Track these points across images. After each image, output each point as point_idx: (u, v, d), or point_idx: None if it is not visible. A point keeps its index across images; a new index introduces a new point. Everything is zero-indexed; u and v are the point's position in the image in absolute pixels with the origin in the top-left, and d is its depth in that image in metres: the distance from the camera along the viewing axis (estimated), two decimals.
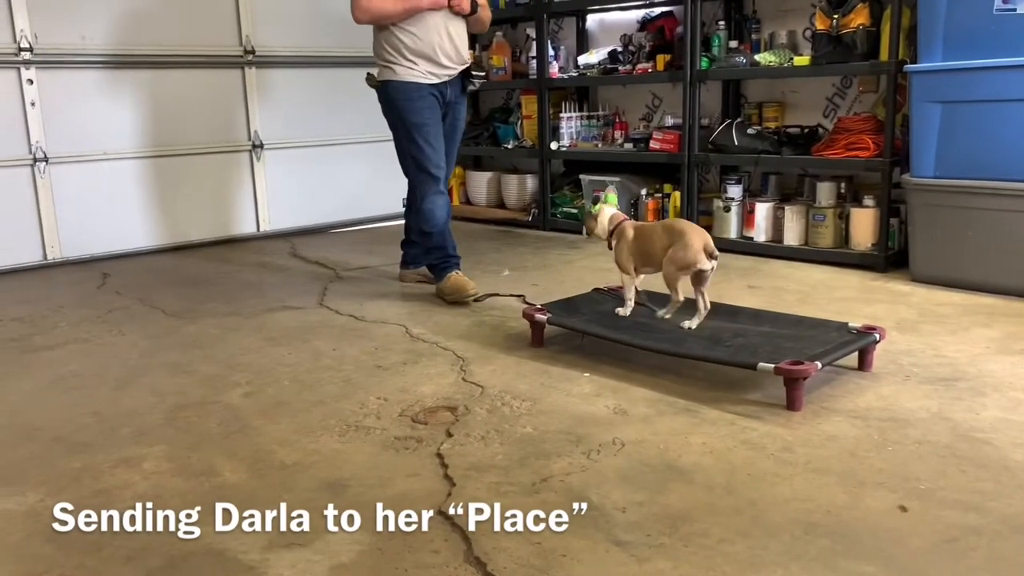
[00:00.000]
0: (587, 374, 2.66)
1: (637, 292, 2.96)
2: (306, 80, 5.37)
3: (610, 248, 2.99)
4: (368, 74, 3.77)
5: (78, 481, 2.04)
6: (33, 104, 4.38)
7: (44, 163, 4.44)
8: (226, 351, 3.04)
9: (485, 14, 3.82)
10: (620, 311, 2.95)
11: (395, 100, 3.66)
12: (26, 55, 4.32)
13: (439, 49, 3.61)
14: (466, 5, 3.62)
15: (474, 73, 3.80)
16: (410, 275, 4.06)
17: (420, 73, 3.61)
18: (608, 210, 3.00)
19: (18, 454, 2.22)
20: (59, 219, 4.53)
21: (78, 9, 4.47)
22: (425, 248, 3.81)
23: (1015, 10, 3.26)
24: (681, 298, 2.83)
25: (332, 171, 5.52)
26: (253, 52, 5.07)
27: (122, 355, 3.03)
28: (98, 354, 3.07)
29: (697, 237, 2.76)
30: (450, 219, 3.76)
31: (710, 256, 2.74)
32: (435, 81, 3.65)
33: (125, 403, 2.56)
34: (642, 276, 2.95)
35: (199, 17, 4.76)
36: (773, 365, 2.32)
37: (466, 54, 3.76)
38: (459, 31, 3.68)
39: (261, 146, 5.20)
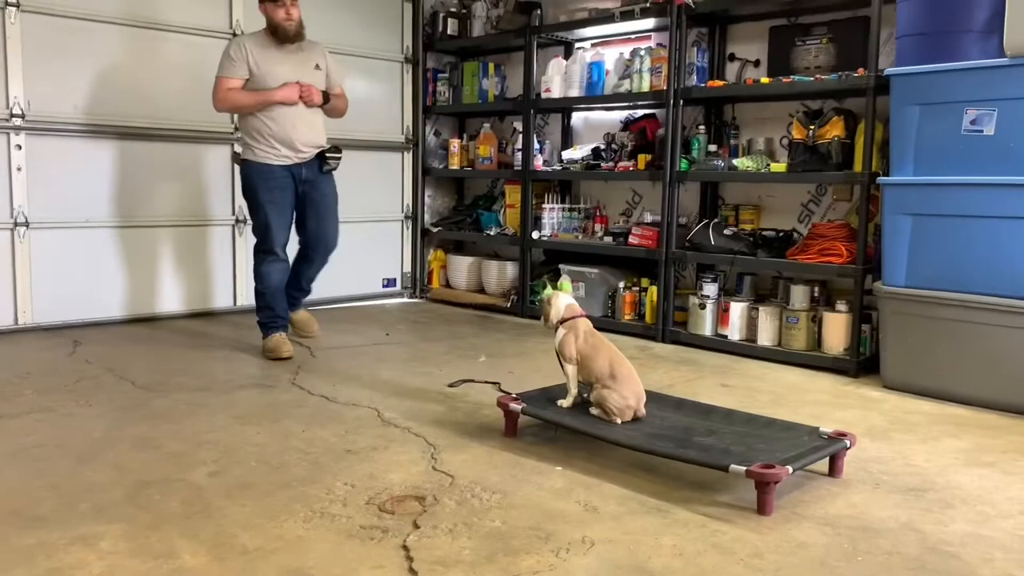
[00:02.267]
0: (559, 468, 2.64)
1: (580, 384, 2.95)
2: None
3: (554, 331, 2.98)
4: (233, 152, 4.29)
5: (31, 559, 1.97)
6: (19, 169, 4.41)
7: (25, 227, 4.44)
8: (194, 427, 2.99)
9: (340, 103, 4.37)
10: (562, 403, 2.95)
11: (251, 178, 4.13)
12: (17, 121, 4.36)
13: (294, 135, 4.09)
14: (317, 99, 4.15)
15: (329, 156, 4.23)
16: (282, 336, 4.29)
17: (275, 156, 4.09)
18: (564, 298, 3.01)
19: None
20: (34, 284, 4.49)
21: (72, 79, 4.54)
22: (257, 306, 4.26)
23: (982, 131, 3.41)
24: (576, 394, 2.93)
25: None
26: (238, 129, 5.13)
27: (87, 427, 2.97)
28: (62, 425, 3.01)
29: (632, 394, 2.81)
30: (283, 285, 4.25)
31: (634, 417, 2.80)
32: (288, 163, 4.13)
33: (86, 477, 2.50)
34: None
35: (191, 93, 4.84)
36: (745, 468, 2.32)
37: (322, 139, 4.23)
38: (313, 119, 4.18)
39: (244, 221, 5.22)
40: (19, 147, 4.39)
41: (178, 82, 4.90)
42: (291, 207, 4.20)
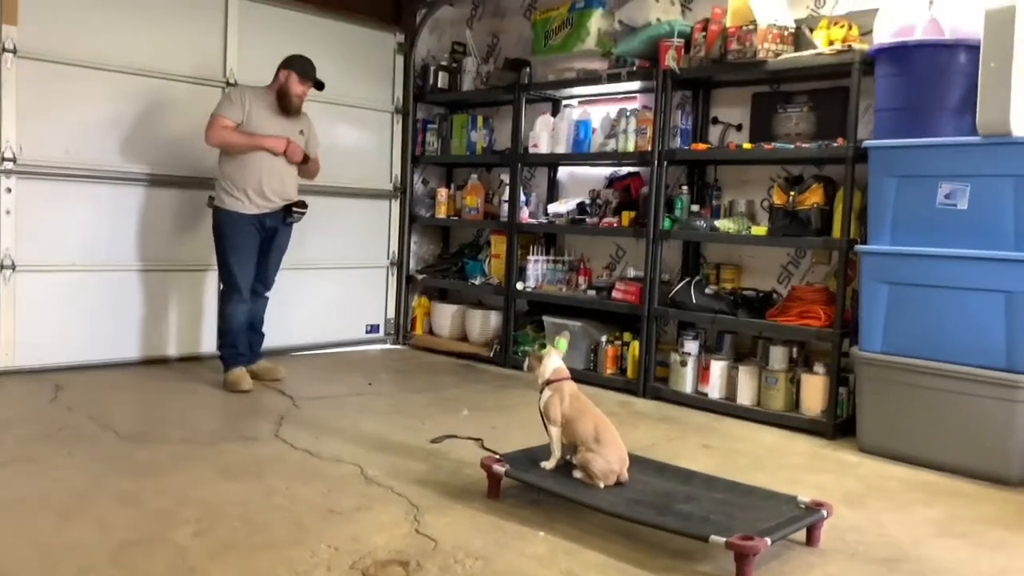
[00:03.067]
0: (542, 532, 2.67)
1: (563, 446, 2.99)
2: None
3: (539, 390, 3.03)
4: (209, 196, 4.53)
5: None
6: (8, 212, 4.42)
7: (11, 270, 4.44)
8: (177, 482, 3.00)
9: (315, 167, 4.74)
10: (545, 465, 2.98)
11: (221, 224, 4.45)
12: (8, 165, 4.39)
13: (266, 186, 4.41)
14: (298, 157, 4.51)
15: (295, 210, 4.56)
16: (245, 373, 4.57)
17: (244, 206, 4.40)
18: (556, 359, 3.05)
19: None
20: (17, 327, 4.49)
21: (66, 124, 4.59)
22: (221, 342, 4.60)
23: (955, 205, 3.53)
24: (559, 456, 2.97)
25: (297, 294, 5.55)
26: None
27: (69, 480, 2.96)
28: (44, 477, 3.00)
29: (616, 459, 2.85)
30: (245, 325, 4.58)
31: (617, 481, 2.84)
32: (256, 212, 4.43)
33: (69, 535, 2.50)
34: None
35: (184, 140, 4.90)
36: (724, 539, 2.36)
37: (292, 193, 4.57)
38: (289, 173, 4.53)
39: None
40: (9, 190, 4.41)
41: (171, 129, 4.96)
42: (255, 252, 4.52)
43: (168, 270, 5.04)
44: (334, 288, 5.84)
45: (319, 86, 4.60)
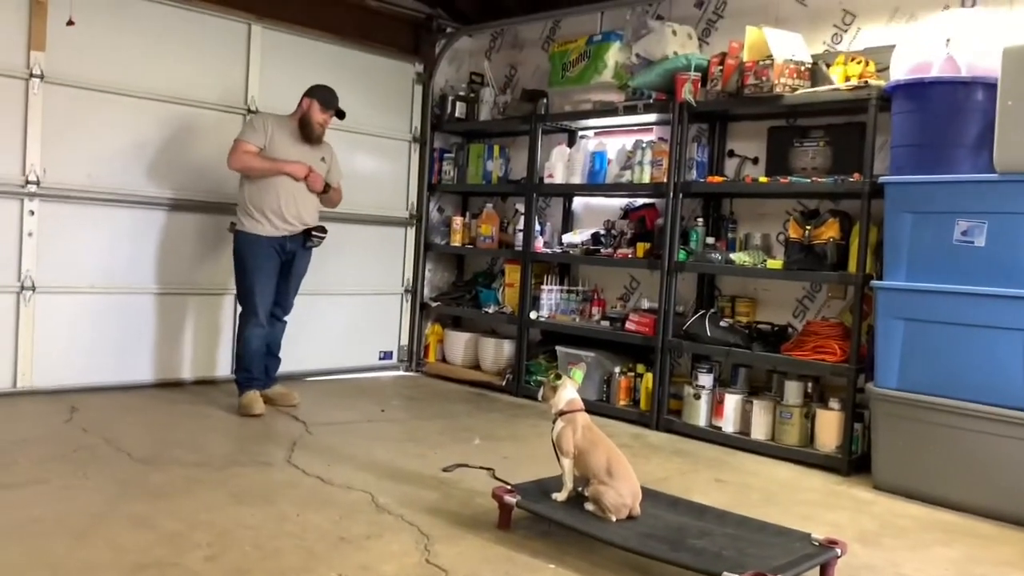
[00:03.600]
0: (552, 565, 2.65)
1: (575, 478, 2.97)
2: None
3: (552, 421, 3.02)
4: (231, 222, 4.59)
5: None
6: (30, 234, 4.48)
7: (31, 291, 4.50)
8: (190, 506, 3.00)
9: (336, 196, 4.81)
10: (557, 496, 2.97)
11: (241, 246, 4.51)
12: (32, 188, 4.46)
13: (286, 210, 4.47)
14: (318, 186, 4.57)
15: (315, 234, 4.61)
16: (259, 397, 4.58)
17: (264, 227, 4.45)
18: (571, 390, 3.05)
19: None
20: (35, 348, 4.53)
21: (88, 149, 4.66)
22: (237, 365, 4.64)
23: (972, 242, 3.52)
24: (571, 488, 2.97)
25: (311, 320, 5.58)
26: None
27: (84, 502, 2.97)
28: (59, 498, 3.01)
29: (628, 492, 2.84)
30: (262, 349, 4.60)
31: (629, 515, 2.83)
32: (275, 235, 4.49)
33: (84, 557, 2.51)
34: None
35: (206, 165, 4.99)
36: (736, 575, 2.34)
37: (311, 218, 4.61)
38: (308, 198, 4.57)
39: None
40: (31, 213, 4.48)
41: (192, 154, 5.03)
42: (275, 276, 4.57)
43: (186, 293, 5.09)
44: (348, 314, 5.86)
45: (340, 115, 4.65)
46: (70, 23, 4.32)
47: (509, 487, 3.04)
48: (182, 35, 4.97)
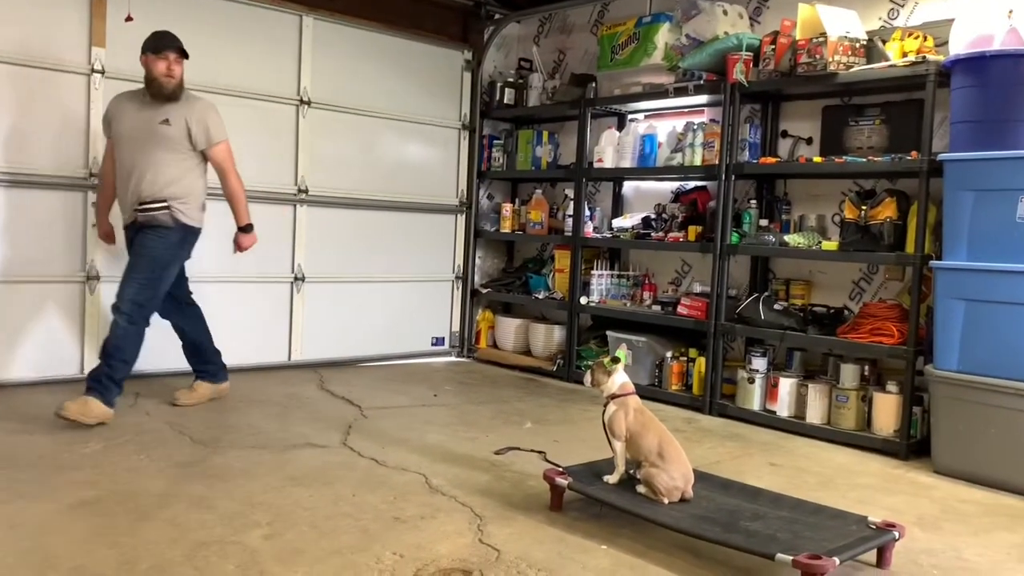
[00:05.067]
0: (604, 546, 2.66)
1: (627, 460, 2.97)
2: (350, 220, 5.62)
3: (604, 405, 3.01)
4: (163, 208, 3.98)
5: None
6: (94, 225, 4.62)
7: (96, 280, 4.64)
8: (248, 487, 3.08)
9: (218, 164, 4.13)
10: (609, 479, 2.97)
11: (183, 241, 4.09)
12: (95, 180, 4.59)
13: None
14: (246, 246, 4.32)
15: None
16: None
17: (200, 220, 4.12)
18: (623, 374, 3.03)
19: None
20: (100, 335, 4.67)
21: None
22: (121, 372, 3.94)
23: None
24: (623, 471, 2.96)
25: (365, 307, 5.70)
26: (307, 191, 5.36)
27: (147, 482, 3.07)
28: (123, 480, 3.11)
29: (680, 475, 2.83)
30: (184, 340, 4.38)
31: (681, 498, 2.82)
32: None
33: (146, 535, 2.59)
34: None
35: (262, 159, 5.12)
36: (791, 557, 2.32)
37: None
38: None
39: (303, 279, 5.40)
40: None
41: (246, 146, 5.12)
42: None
43: (243, 281, 5.19)
44: (401, 301, 5.93)
45: (184, 54, 3.99)
46: (128, 19, 4.44)
47: (560, 469, 3.05)
48: (236, 28, 5.07)
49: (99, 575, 2.30)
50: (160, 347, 4.85)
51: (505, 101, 6.08)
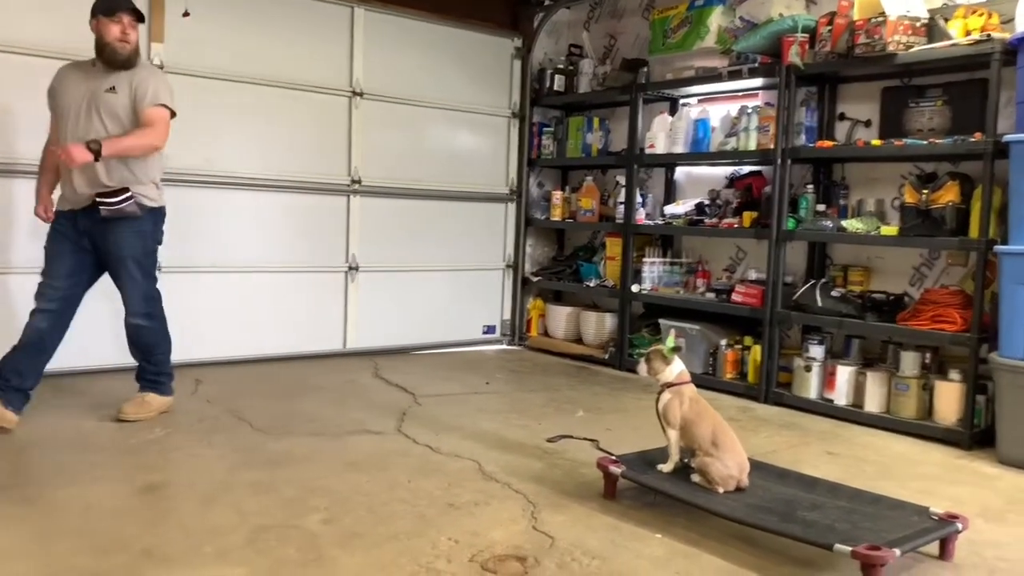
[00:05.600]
0: (659, 535, 2.66)
1: (681, 449, 2.95)
2: (402, 210, 5.67)
3: (658, 393, 2.98)
4: (126, 198, 3.55)
5: None
6: None
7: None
8: (307, 473, 3.14)
9: (136, 138, 3.50)
10: (663, 468, 2.95)
11: (157, 226, 3.76)
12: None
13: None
14: (74, 159, 3.35)
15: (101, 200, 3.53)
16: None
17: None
18: (679, 363, 3.00)
19: (110, 563, 2.33)
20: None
21: (208, 133, 4.88)
22: (157, 358, 3.81)
23: None
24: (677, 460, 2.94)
25: (417, 295, 5.76)
26: (360, 182, 5.43)
27: (210, 468, 3.15)
28: (187, 465, 3.21)
29: (735, 464, 2.81)
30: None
31: (737, 487, 2.80)
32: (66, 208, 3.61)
33: (210, 519, 2.67)
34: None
35: (316, 150, 5.21)
36: (850, 548, 2.29)
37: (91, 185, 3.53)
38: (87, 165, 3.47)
39: (357, 268, 5.48)
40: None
41: (302, 137, 5.20)
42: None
43: (300, 271, 5.30)
44: (452, 289, 5.98)
45: (140, 17, 3.58)
46: (185, 14, 4.52)
47: (614, 457, 3.05)
48: (289, 22, 5.13)
49: (167, 557, 2.37)
50: (221, 336, 5.00)
51: (555, 88, 6.06)
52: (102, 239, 3.60)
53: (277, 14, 5.09)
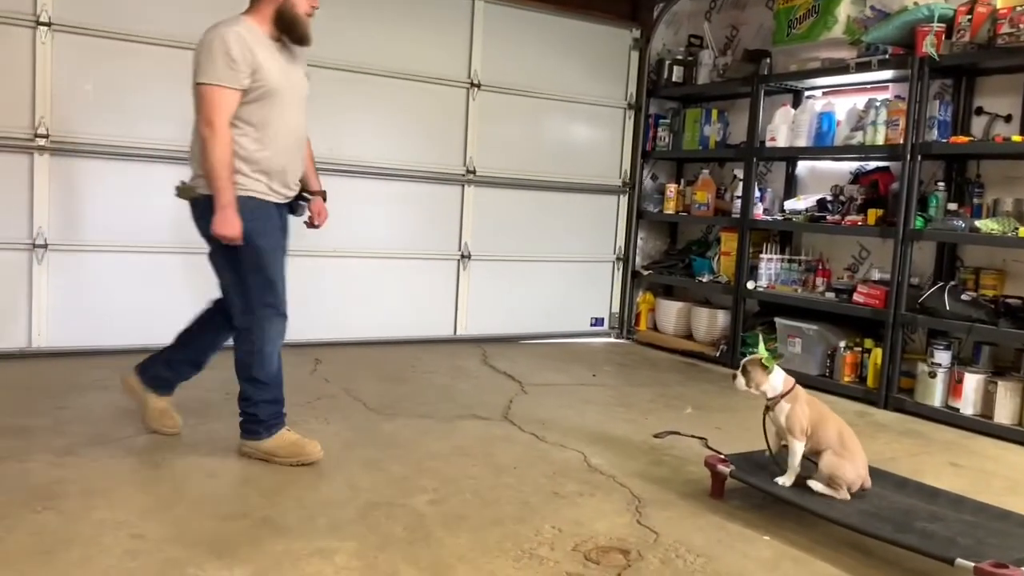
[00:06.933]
0: (767, 537, 2.60)
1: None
2: (514, 200, 5.73)
3: (768, 407, 2.83)
4: (185, 185, 3.02)
5: (279, 565, 2.23)
6: None
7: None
8: (417, 453, 3.23)
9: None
10: (782, 480, 2.78)
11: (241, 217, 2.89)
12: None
13: (288, 165, 3.05)
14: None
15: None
16: (140, 389, 3.31)
17: (267, 190, 2.99)
18: (780, 372, 2.83)
19: (231, 528, 2.46)
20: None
21: (332, 123, 5.06)
22: (255, 398, 3.06)
23: None
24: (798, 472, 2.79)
25: (527, 285, 5.81)
26: (474, 172, 5.51)
27: (326, 444, 3.25)
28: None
29: (863, 464, 2.74)
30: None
31: (861, 487, 2.72)
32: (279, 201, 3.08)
33: (324, 493, 2.79)
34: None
35: (434, 140, 5.35)
36: (973, 564, 2.18)
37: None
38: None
39: (469, 256, 5.57)
40: None
41: (421, 128, 5.33)
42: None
43: (416, 258, 5.45)
44: (562, 280, 5.99)
45: None
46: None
47: (722, 457, 3.00)
48: (410, 13, 5.26)
49: (284, 526, 2.49)
50: (340, 318, 5.18)
51: (673, 79, 5.97)
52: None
53: (399, 5, 5.22)
